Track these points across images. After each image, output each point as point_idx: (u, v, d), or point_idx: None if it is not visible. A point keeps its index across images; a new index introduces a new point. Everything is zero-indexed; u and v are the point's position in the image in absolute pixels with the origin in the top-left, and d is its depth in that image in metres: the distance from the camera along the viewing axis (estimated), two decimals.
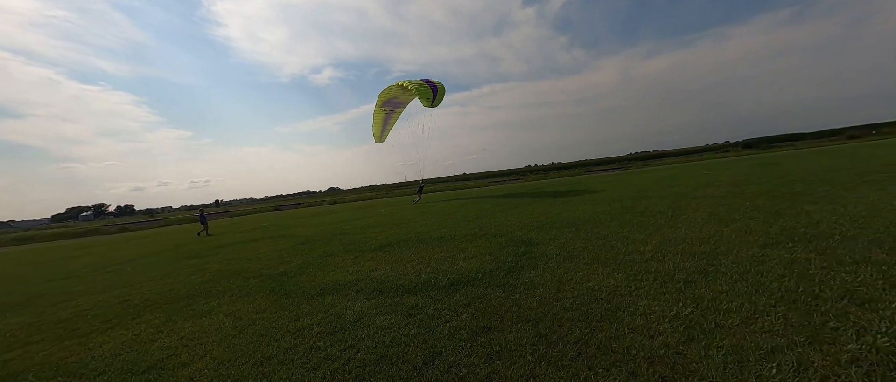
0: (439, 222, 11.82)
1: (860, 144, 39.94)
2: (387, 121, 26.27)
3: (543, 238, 7.22)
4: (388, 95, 24.37)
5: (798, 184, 10.49)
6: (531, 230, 8.27)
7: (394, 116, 26.27)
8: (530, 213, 11.23)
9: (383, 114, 25.87)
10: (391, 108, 25.54)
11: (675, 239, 5.92)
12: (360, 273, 6.06)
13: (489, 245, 7.15)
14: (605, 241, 6.32)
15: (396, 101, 24.99)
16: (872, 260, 3.98)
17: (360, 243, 9.37)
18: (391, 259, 6.91)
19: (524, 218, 10.24)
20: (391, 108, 25.54)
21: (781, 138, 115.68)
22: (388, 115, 25.99)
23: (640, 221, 7.82)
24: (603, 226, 7.73)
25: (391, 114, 25.96)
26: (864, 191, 8.27)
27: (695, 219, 7.28)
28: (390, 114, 25.96)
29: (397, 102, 25.17)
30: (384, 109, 25.50)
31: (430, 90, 21.21)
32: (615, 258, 5.21)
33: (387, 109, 25.50)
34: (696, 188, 12.77)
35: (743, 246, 5.07)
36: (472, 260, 6.09)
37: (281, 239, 12.70)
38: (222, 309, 4.89)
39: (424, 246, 7.76)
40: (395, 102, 25.14)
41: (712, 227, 6.42)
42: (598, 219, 8.65)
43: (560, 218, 9.60)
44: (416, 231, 10.38)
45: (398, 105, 25.45)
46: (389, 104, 25.19)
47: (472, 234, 8.63)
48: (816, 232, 5.32)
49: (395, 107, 25.63)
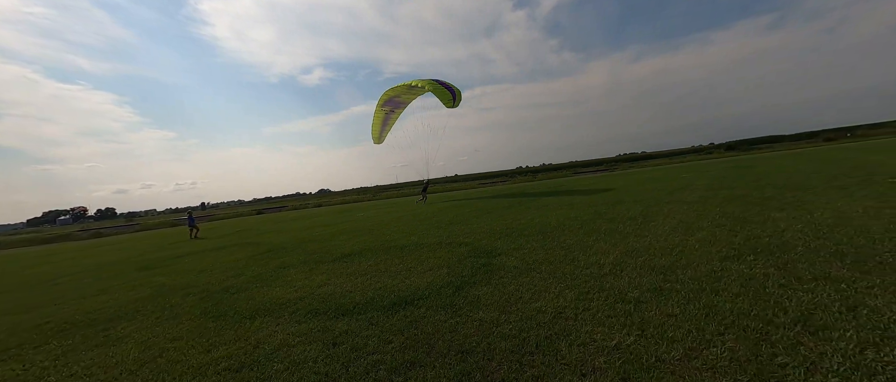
0: (412, 228, 11.42)
1: (834, 147, 41.11)
2: (386, 121, 25.79)
3: (508, 247, 6.90)
4: (391, 95, 23.86)
5: (769, 189, 10.45)
6: (499, 238, 7.95)
7: (393, 117, 25.75)
8: (504, 219, 10.93)
9: (383, 115, 25.37)
10: (392, 108, 25.03)
11: (639, 249, 5.66)
12: (306, 289, 5.62)
13: (451, 255, 6.79)
14: (567, 252, 6.03)
15: (398, 101, 24.43)
16: (832, 276, 3.75)
17: (324, 252, 8.91)
18: (346, 271, 6.49)
19: (496, 225, 9.92)
20: (392, 108, 25.03)
21: (761, 140, 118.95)
22: (388, 116, 25.51)
23: (609, 228, 7.58)
24: (571, 234, 7.46)
25: (391, 114, 25.48)
26: (832, 195, 8.21)
27: (663, 227, 7.07)
28: (390, 115, 25.49)
29: (399, 102, 24.58)
30: (385, 109, 24.99)
31: (448, 91, 21.03)
32: (573, 272, 4.90)
33: (387, 109, 25.01)
34: (671, 192, 12.68)
35: (704, 258, 4.82)
36: (427, 273, 5.72)
37: (247, 246, 12.11)
38: (137, 336, 4.39)
39: (386, 257, 7.35)
40: (396, 102, 24.55)
41: (678, 237, 6.19)
42: (568, 226, 8.39)
43: (532, 224, 9.31)
44: (384, 238, 9.96)
45: (399, 105, 24.86)
46: (390, 104, 24.71)
47: (439, 243, 8.26)
48: (780, 243, 5.11)
49: (395, 107, 25.09)
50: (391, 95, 23.80)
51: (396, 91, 23.29)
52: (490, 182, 64.96)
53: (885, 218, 5.73)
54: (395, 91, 23.32)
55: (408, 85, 22.06)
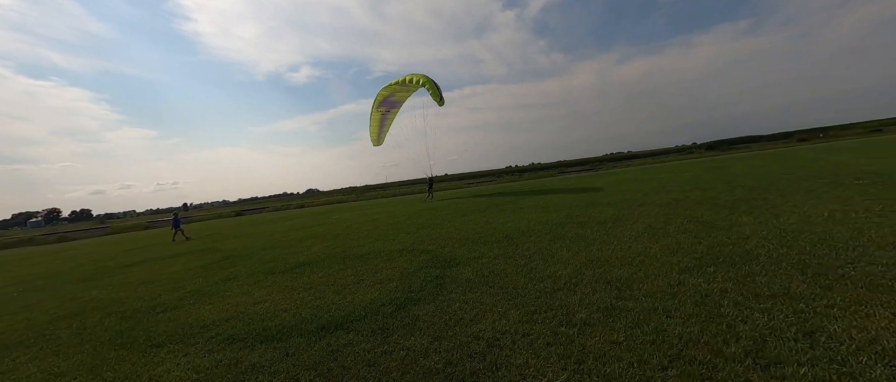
0: (381, 233, 10.94)
1: (806, 147, 42.44)
2: (383, 122, 25.30)
3: (469, 256, 6.51)
4: (385, 95, 23.38)
5: (740, 191, 10.38)
6: (463, 245, 7.56)
7: (390, 117, 25.20)
8: (476, 223, 10.56)
9: (380, 116, 24.90)
10: (387, 108, 24.56)
11: (600, 259, 5.35)
12: (239, 307, 5.10)
13: (408, 265, 6.35)
14: (527, 261, 5.67)
15: (392, 100, 23.94)
16: (792, 292, 3.47)
17: (280, 261, 8.35)
18: (292, 285, 5.98)
19: (467, 229, 9.54)
20: (387, 108, 24.56)
21: (739, 140, 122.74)
22: (384, 116, 25.05)
23: (576, 234, 7.27)
24: (537, 240, 7.12)
25: (387, 114, 24.98)
26: (800, 198, 8.13)
27: (630, 233, 6.80)
28: (386, 116, 25.00)
29: (394, 101, 24.08)
30: (381, 110, 24.55)
31: (437, 88, 20.64)
32: (526, 286, 4.54)
33: (383, 110, 24.55)
34: (646, 194, 12.55)
35: (664, 270, 4.52)
36: (375, 287, 5.27)
37: (206, 253, 11.40)
38: (21, 370, 3.80)
39: (341, 267, 6.87)
40: (391, 102, 24.07)
41: (642, 244, 5.91)
42: (537, 231, 8.06)
43: (502, 229, 8.96)
44: (348, 245, 9.45)
45: (395, 104, 24.36)
46: (386, 104, 24.25)
47: (401, 250, 7.82)
48: (743, 252, 4.86)
49: (391, 107, 24.61)
50: (386, 95, 23.38)
51: (390, 89, 22.80)
52: (476, 182, 64.86)
53: (849, 224, 5.57)
54: (389, 89, 22.82)
55: (400, 82, 21.65)
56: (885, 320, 2.81)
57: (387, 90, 23.07)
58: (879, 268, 3.78)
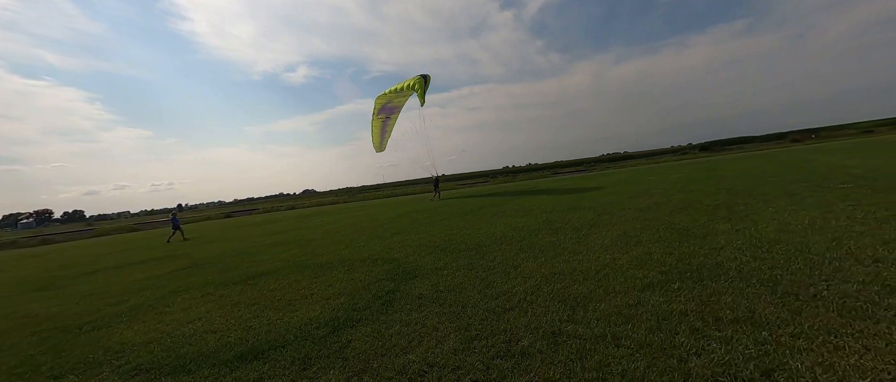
0: (353, 238, 10.53)
1: (798, 149, 42.51)
2: (384, 128, 25.63)
3: (432, 266, 6.12)
4: (383, 102, 23.76)
5: (723, 195, 10.07)
6: (430, 254, 7.18)
7: (390, 122, 25.56)
8: (452, 228, 10.17)
9: (380, 123, 25.28)
10: (387, 114, 24.93)
11: (564, 272, 4.98)
12: (171, 326, 4.67)
13: (365, 277, 5.95)
14: (488, 274, 5.30)
15: (391, 106, 24.36)
16: (756, 316, 3.12)
17: (240, 270, 7.93)
18: (238, 299, 5.56)
19: (439, 236, 9.15)
20: (387, 114, 24.93)
21: (733, 141, 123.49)
22: (385, 123, 25.37)
23: (548, 242, 6.91)
24: (507, 249, 6.75)
25: (388, 120, 25.35)
26: (782, 204, 7.82)
27: (602, 241, 6.44)
28: (387, 122, 25.35)
29: (392, 107, 24.50)
30: (381, 117, 24.93)
31: (421, 78, 21.24)
32: (477, 304, 4.16)
33: (383, 116, 24.94)
34: (630, 197, 12.23)
35: (626, 286, 4.16)
36: (321, 303, 4.87)
37: (171, 261, 10.92)
38: None
39: (296, 278, 6.46)
40: (390, 108, 24.50)
41: (612, 254, 5.55)
42: (510, 238, 7.69)
43: (475, 235, 8.58)
44: (315, 252, 9.03)
45: (393, 110, 24.77)
46: (385, 111, 24.65)
47: (365, 259, 7.42)
48: (713, 265, 4.51)
49: (390, 113, 25.02)
50: (383, 102, 23.68)
51: (387, 97, 23.13)
52: (471, 182, 64.61)
53: (828, 233, 5.24)
54: (386, 97, 23.14)
55: (396, 89, 22.18)
56: (855, 355, 2.45)
57: (384, 98, 23.35)
58: (854, 287, 3.43)
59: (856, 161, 15.25)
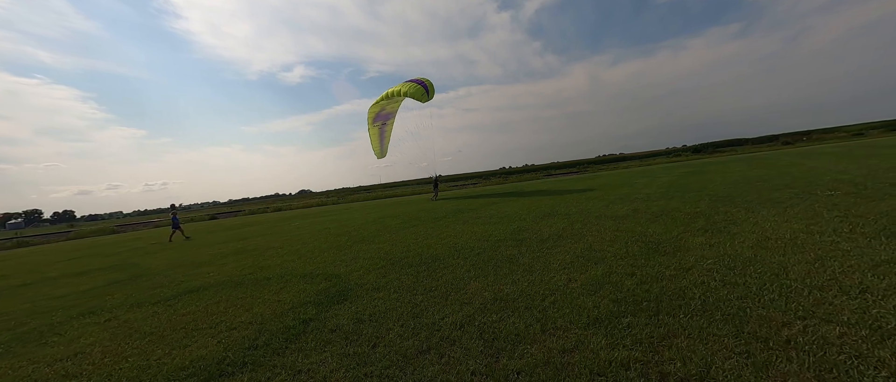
0: (310, 249, 9.79)
1: (789, 151, 42.41)
2: (382, 135, 25.63)
3: (371, 285, 5.42)
4: (377, 110, 23.72)
5: (705, 202, 9.47)
6: (379, 268, 6.48)
7: (388, 129, 25.55)
8: (416, 237, 9.47)
9: (377, 130, 25.30)
10: (383, 122, 24.86)
11: (508, 296, 4.30)
12: (37, 364, 3.93)
13: (293, 298, 5.24)
14: (427, 297, 4.61)
15: (386, 113, 24.30)
16: (711, 375, 2.45)
17: (174, 284, 7.18)
18: (140, 327, 4.82)
19: (398, 246, 8.44)
20: (383, 122, 24.86)
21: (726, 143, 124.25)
22: (382, 130, 25.35)
23: (507, 256, 6.23)
24: (460, 264, 6.06)
25: (384, 127, 25.31)
26: (765, 213, 7.21)
27: (563, 257, 5.77)
28: (383, 128, 25.32)
29: (387, 114, 24.43)
30: (377, 124, 24.90)
31: (421, 87, 21.05)
32: (393, 342, 3.46)
33: (379, 124, 24.89)
34: (609, 203, 11.60)
35: (571, 319, 3.49)
36: (223, 335, 4.15)
37: (118, 271, 10.10)
38: None
39: (224, 297, 5.74)
40: (385, 115, 24.44)
41: (568, 274, 4.88)
42: (468, 251, 7.00)
43: (433, 246, 7.88)
44: (261, 265, 8.29)
45: (389, 116, 24.70)
46: (380, 118, 24.61)
47: (306, 275, 6.70)
48: (676, 291, 3.85)
49: (386, 120, 24.95)
50: (377, 111, 23.63)
51: (380, 104, 23.01)
52: (463, 184, 64.01)
53: (810, 251, 4.61)
54: (379, 105, 23.01)
55: (387, 96, 21.98)
56: None
57: (377, 106, 23.20)
58: (837, 332, 2.78)
59: (844, 165, 14.78)
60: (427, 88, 21.50)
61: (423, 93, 21.33)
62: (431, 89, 21.91)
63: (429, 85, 21.70)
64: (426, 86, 21.47)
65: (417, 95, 21.10)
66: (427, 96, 21.64)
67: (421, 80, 21.59)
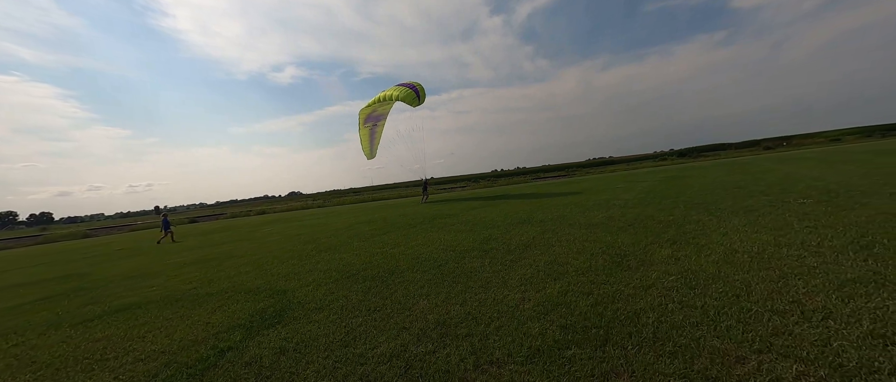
0: (267, 260, 9.25)
1: (768, 156, 43.29)
2: (373, 136, 25.67)
3: (316, 304, 4.97)
4: (368, 112, 23.79)
5: (680, 209, 9.27)
6: (329, 283, 6.02)
7: (378, 130, 25.59)
8: (382, 246, 9.02)
9: (368, 132, 25.31)
10: (374, 123, 24.91)
11: (454, 319, 3.91)
12: None
13: (225, 319, 4.76)
14: (368, 318, 4.19)
15: (376, 115, 24.37)
16: None
17: (111, 299, 6.63)
18: (35, 356, 4.28)
19: (360, 256, 7.99)
20: (374, 123, 24.91)
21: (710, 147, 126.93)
22: (372, 131, 25.39)
23: (467, 270, 5.85)
24: (416, 278, 5.65)
25: (375, 128, 25.33)
26: (736, 222, 7.00)
27: (524, 272, 5.41)
28: (374, 130, 25.36)
29: (378, 115, 24.48)
30: (367, 126, 24.91)
31: (412, 91, 21.09)
32: (308, 379, 3.04)
33: (370, 125, 24.93)
34: (586, 210, 11.36)
35: (510, 349, 3.11)
36: (124, 370, 3.65)
37: (67, 281, 9.40)
38: None
39: (154, 316, 5.22)
40: (375, 116, 24.49)
41: (523, 292, 4.52)
42: (430, 263, 6.60)
43: (396, 258, 7.46)
44: (212, 277, 7.74)
45: (380, 118, 24.76)
46: (371, 120, 24.63)
47: (253, 290, 6.20)
48: (629, 316, 3.52)
49: (377, 121, 24.99)
50: (369, 112, 23.72)
51: (371, 106, 23.11)
52: (450, 187, 63.77)
53: (775, 268, 4.35)
54: (371, 107, 23.11)
55: (379, 99, 22.13)
56: None
57: (368, 108, 23.28)
58: (795, 370, 2.46)
59: (820, 171, 14.90)
60: (418, 93, 21.38)
61: (415, 98, 21.20)
62: (422, 94, 21.74)
63: (420, 89, 21.60)
64: (417, 91, 21.35)
65: (408, 99, 21.05)
66: (418, 101, 21.53)
67: (412, 85, 21.57)
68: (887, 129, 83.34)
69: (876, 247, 4.61)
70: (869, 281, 3.66)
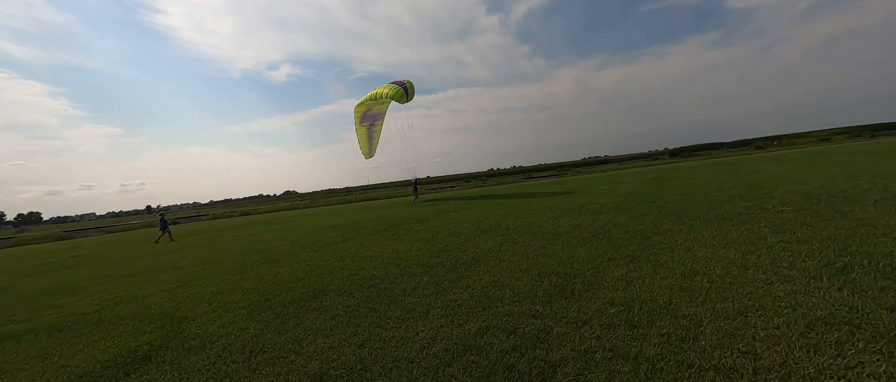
0: (199, 274, 8.46)
1: (758, 156, 43.05)
2: (371, 135, 25.68)
3: (200, 339, 4.21)
4: (364, 110, 23.63)
5: (651, 216, 8.59)
6: (234, 311, 5.25)
7: (376, 129, 25.26)
8: (328, 258, 8.25)
9: (365, 130, 25.10)
10: (371, 122, 24.62)
11: (337, 370, 3.17)
12: None
13: (94, 356, 3.98)
14: (238, 368, 3.43)
15: (373, 114, 24.14)
16: None
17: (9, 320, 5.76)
18: None
19: (299, 271, 7.23)
20: (371, 122, 24.62)
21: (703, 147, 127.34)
22: (370, 130, 25.09)
23: (399, 291, 5.11)
24: (337, 303, 4.91)
25: (373, 127, 25.00)
26: (706, 233, 6.32)
27: (461, 293, 4.67)
28: (372, 129, 25.04)
29: (374, 114, 24.22)
30: (365, 125, 24.56)
31: (401, 89, 21.33)
32: None
33: (367, 124, 24.65)
34: (558, 216, 10.66)
35: None
36: None
37: None
38: None
39: (17, 350, 4.41)
40: (372, 115, 24.24)
41: (439, 327, 3.78)
42: (360, 283, 5.85)
43: (333, 274, 6.70)
44: (132, 296, 6.93)
45: (377, 117, 24.47)
46: (368, 118, 24.35)
47: (155, 316, 5.41)
48: (546, 369, 2.79)
49: (374, 120, 24.70)
50: (364, 111, 23.68)
51: (366, 105, 23.08)
52: (440, 187, 63.06)
53: (736, 298, 3.65)
54: (365, 105, 23.09)
55: (372, 96, 22.08)
56: None
57: (363, 106, 23.27)
58: None
59: (805, 173, 14.35)
60: (407, 90, 21.70)
61: (403, 95, 21.50)
62: (411, 90, 22.05)
63: (408, 86, 21.94)
64: (406, 88, 21.68)
65: (397, 96, 21.37)
66: (406, 98, 21.79)
67: (401, 82, 21.92)
68: (875, 129, 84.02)
69: (854, 271, 3.94)
70: (842, 322, 2.97)
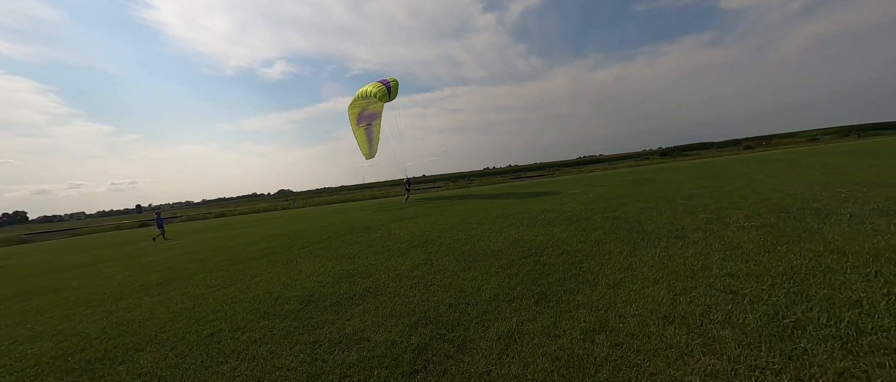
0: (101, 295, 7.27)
1: (745, 157, 42.47)
2: (370, 135, 25.24)
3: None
4: (358, 111, 23.50)
5: (599, 232, 7.49)
6: (44, 363, 4.09)
7: (375, 129, 24.93)
8: (219, 278, 7.10)
9: (364, 131, 24.98)
10: (368, 122, 24.58)
11: None
12: None
13: None
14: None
15: (367, 113, 23.91)
16: None
17: None
18: None
19: (165, 303, 6.08)
20: (368, 122, 24.58)
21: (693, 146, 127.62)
22: (369, 130, 25.06)
23: (237, 343, 3.99)
24: (159, 358, 3.77)
25: (371, 127, 24.88)
26: (648, 258, 5.25)
27: (314, 344, 3.56)
28: (370, 129, 24.94)
29: (370, 114, 23.96)
30: (361, 125, 24.65)
31: (384, 87, 21.61)
32: None
33: (364, 125, 24.71)
34: (508, 226, 9.57)
35: None
36: None
37: None
38: None
39: None
40: (368, 115, 24.00)
41: None
42: (210, 325, 4.72)
43: (202, 304, 5.56)
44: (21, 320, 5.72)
45: (373, 116, 24.19)
46: (364, 119, 24.30)
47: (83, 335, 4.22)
48: None
49: (371, 120, 24.42)
50: (358, 112, 23.56)
51: (360, 104, 23.02)
52: (433, 186, 62.30)
53: (642, 375, 2.57)
54: (359, 104, 23.05)
55: (361, 95, 22.22)
56: None
57: (356, 107, 23.23)
58: None
59: (784, 178, 13.41)
60: (389, 89, 21.83)
61: (386, 93, 21.65)
62: (394, 89, 22.15)
63: (393, 85, 22.10)
64: (389, 87, 21.84)
65: (380, 95, 21.54)
66: (388, 97, 21.95)
67: (386, 81, 22.17)
68: (863, 129, 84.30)
69: (806, 335, 2.87)
70: None
